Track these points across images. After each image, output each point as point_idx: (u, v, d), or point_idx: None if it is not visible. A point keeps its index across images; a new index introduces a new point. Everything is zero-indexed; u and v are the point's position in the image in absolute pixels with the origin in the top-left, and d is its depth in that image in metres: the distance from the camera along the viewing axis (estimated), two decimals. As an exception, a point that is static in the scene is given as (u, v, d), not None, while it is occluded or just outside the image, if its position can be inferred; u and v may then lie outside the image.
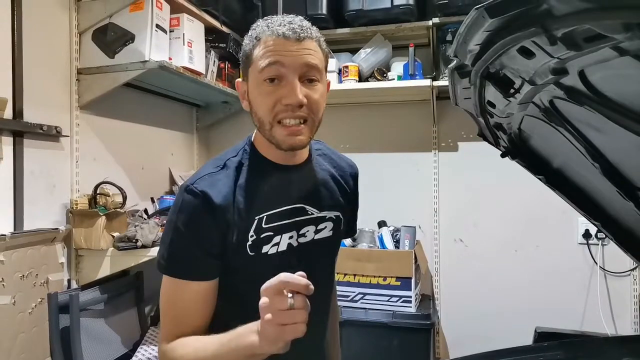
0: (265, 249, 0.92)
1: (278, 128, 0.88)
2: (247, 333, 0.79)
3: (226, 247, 0.89)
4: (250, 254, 0.90)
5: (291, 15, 0.91)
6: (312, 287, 0.73)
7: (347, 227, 1.13)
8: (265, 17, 0.92)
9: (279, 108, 0.87)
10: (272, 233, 0.92)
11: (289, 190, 0.96)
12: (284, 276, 0.72)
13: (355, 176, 1.17)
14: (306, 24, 0.91)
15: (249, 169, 0.94)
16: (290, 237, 0.95)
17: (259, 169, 0.95)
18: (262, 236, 0.91)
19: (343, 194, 1.08)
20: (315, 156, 1.05)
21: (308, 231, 0.98)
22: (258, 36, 0.89)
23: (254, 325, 0.78)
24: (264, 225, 0.91)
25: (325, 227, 1.02)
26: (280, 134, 0.88)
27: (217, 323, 0.91)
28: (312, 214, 0.99)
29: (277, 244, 0.93)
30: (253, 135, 0.99)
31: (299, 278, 0.72)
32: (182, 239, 0.88)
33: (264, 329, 0.74)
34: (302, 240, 0.97)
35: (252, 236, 0.90)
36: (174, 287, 0.89)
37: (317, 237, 1.00)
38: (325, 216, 1.01)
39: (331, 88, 2.69)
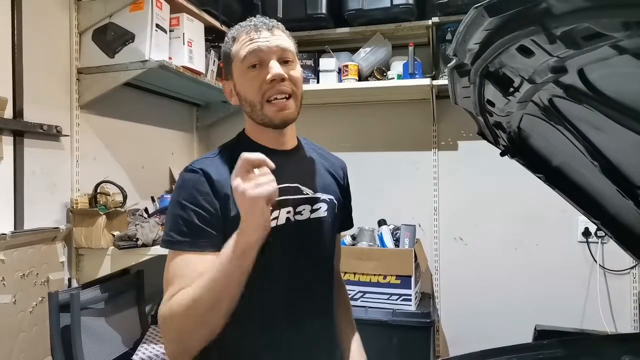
0: None
1: (268, 106, 0.98)
2: (229, 241, 0.85)
3: (227, 222, 0.93)
4: None
5: (258, 16, 1.04)
6: (270, 162, 0.82)
7: (343, 217, 1.19)
8: (237, 24, 1.05)
9: (265, 87, 0.97)
10: (270, 207, 0.96)
11: (283, 171, 1.00)
12: (244, 154, 0.81)
13: (344, 169, 1.23)
14: (273, 19, 1.04)
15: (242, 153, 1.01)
16: (288, 212, 1.00)
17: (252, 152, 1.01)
18: None
19: (336, 184, 1.15)
20: (304, 146, 1.14)
21: (304, 209, 1.03)
22: (234, 36, 1.02)
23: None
24: None
25: (320, 207, 1.07)
26: (271, 111, 0.98)
27: None
28: (307, 193, 1.05)
29: (276, 218, 0.98)
30: (245, 129, 1.09)
31: (257, 154, 0.82)
32: (186, 213, 0.93)
33: (242, 204, 0.81)
34: (298, 217, 1.02)
35: None
36: (180, 261, 0.92)
37: (312, 216, 1.05)
38: (319, 197, 1.07)
39: (331, 87, 2.70)
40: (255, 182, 0.80)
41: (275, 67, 0.96)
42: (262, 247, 0.88)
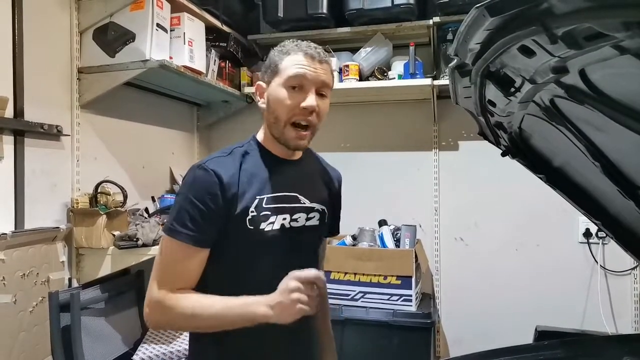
0: (262, 225, 1.06)
1: (290, 129, 1.07)
2: (256, 304, 0.96)
3: (229, 219, 1.03)
4: (249, 227, 1.04)
5: (313, 44, 1.10)
6: (324, 285, 0.96)
7: (331, 225, 1.28)
8: (292, 40, 1.12)
9: (296, 111, 1.05)
10: (269, 213, 1.07)
11: (286, 180, 1.12)
12: (319, 274, 0.95)
13: (339, 181, 1.32)
14: (325, 52, 1.11)
15: (253, 157, 1.11)
16: (284, 219, 1.09)
17: (261, 158, 1.12)
18: (261, 214, 1.06)
19: (328, 194, 1.25)
20: (308, 156, 1.23)
21: (300, 217, 1.13)
22: (288, 51, 1.08)
23: (263, 299, 0.96)
24: (264, 205, 1.06)
25: (314, 216, 1.17)
26: (290, 135, 1.07)
27: (211, 286, 1.04)
28: (304, 203, 1.15)
29: (272, 222, 1.07)
30: (258, 133, 1.16)
31: (323, 279, 0.95)
32: (193, 209, 1.00)
33: (288, 306, 0.93)
34: (294, 224, 1.12)
35: (252, 212, 1.05)
36: (177, 252, 1.01)
37: (307, 223, 1.15)
38: (314, 207, 1.17)
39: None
40: (304, 298, 0.93)
41: (311, 99, 1.04)
42: (255, 249, 1.05)
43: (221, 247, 1.04)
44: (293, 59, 1.06)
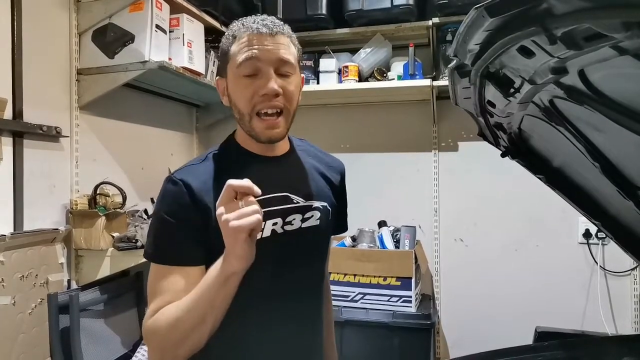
0: None
1: (257, 121, 0.93)
2: (214, 265, 0.84)
3: (209, 231, 0.89)
4: None
5: (264, 15, 0.96)
6: (257, 188, 0.79)
7: (337, 221, 1.14)
8: (240, 18, 0.97)
9: (256, 99, 0.92)
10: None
11: (271, 179, 0.96)
12: (229, 181, 0.78)
13: (342, 172, 1.18)
14: (278, 21, 0.95)
15: (229, 160, 0.98)
16: (275, 224, 0.96)
17: (239, 160, 0.99)
18: None
19: (330, 187, 1.10)
20: (297, 150, 1.08)
21: (294, 219, 0.99)
22: (234, 34, 0.95)
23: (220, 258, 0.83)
24: None
25: (312, 215, 1.02)
26: (258, 127, 0.93)
27: None
28: (298, 202, 1.00)
29: (261, 230, 0.93)
30: (236, 132, 1.04)
31: (243, 181, 0.78)
32: (167, 226, 0.90)
33: (225, 234, 0.78)
34: (288, 227, 0.98)
35: None
36: (162, 274, 0.90)
37: (304, 225, 1.01)
38: (312, 205, 1.02)
39: (331, 88, 2.69)
40: (239, 212, 0.77)
41: (270, 82, 0.90)
42: None
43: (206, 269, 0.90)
44: (241, 41, 0.92)
